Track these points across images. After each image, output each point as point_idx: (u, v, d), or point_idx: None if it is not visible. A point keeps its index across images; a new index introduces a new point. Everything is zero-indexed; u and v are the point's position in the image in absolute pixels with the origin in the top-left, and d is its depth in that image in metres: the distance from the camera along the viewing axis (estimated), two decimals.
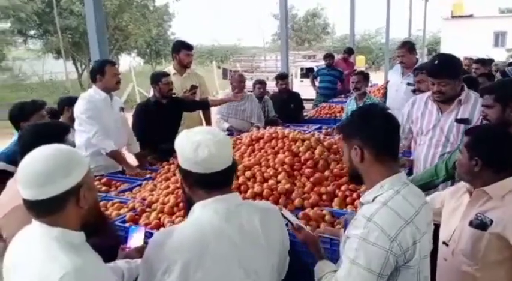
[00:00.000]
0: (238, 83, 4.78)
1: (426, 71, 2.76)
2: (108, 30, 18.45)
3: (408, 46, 4.55)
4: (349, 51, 8.87)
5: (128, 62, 24.35)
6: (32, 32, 18.16)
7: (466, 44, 25.03)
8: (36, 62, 20.25)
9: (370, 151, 1.44)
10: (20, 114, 3.00)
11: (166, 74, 3.93)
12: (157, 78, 3.82)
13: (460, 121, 2.65)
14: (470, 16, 28.53)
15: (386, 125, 1.48)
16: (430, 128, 2.79)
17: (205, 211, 1.36)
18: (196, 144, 1.34)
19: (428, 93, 2.83)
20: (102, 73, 3.39)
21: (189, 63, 4.45)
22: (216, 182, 1.38)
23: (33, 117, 2.99)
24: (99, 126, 3.33)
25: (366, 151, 1.44)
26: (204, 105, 4.30)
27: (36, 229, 1.23)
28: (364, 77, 4.78)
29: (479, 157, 1.75)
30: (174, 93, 4.02)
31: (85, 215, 1.27)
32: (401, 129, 2.99)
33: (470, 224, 1.74)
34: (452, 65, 2.65)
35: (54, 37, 17.04)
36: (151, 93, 4.05)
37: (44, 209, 1.20)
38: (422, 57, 22.20)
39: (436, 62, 2.64)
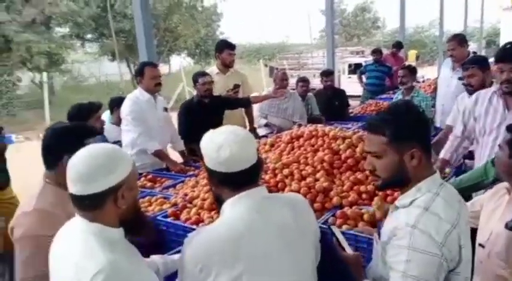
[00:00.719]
0: (281, 81, 4.78)
1: (496, 58, 2.49)
2: (158, 32, 19.08)
3: (459, 38, 4.34)
4: (398, 46, 8.57)
5: (178, 63, 25.07)
6: (89, 36, 19.16)
7: None
8: (93, 64, 21.34)
9: (423, 152, 1.38)
10: (77, 116, 3.16)
11: (204, 74, 4.01)
12: (195, 79, 3.91)
13: None
14: None
15: (426, 121, 1.46)
16: (494, 127, 2.55)
17: (236, 208, 1.39)
18: (218, 144, 1.36)
19: (494, 88, 2.62)
20: (142, 75, 3.51)
21: (232, 62, 4.51)
22: (240, 180, 1.39)
23: (90, 118, 3.15)
24: (143, 128, 3.46)
25: (419, 151, 1.36)
26: (246, 103, 4.35)
27: (78, 223, 1.31)
28: (411, 71, 4.62)
29: None
30: (212, 93, 4.08)
31: (124, 213, 1.33)
32: (460, 128, 2.84)
33: (506, 226, 1.65)
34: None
35: (109, 40, 17.87)
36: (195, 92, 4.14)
37: (85, 205, 1.28)
38: (480, 50, 21.04)
39: (508, 46, 2.44)
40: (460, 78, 4.05)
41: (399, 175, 1.38)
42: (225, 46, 4.50)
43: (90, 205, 1.27)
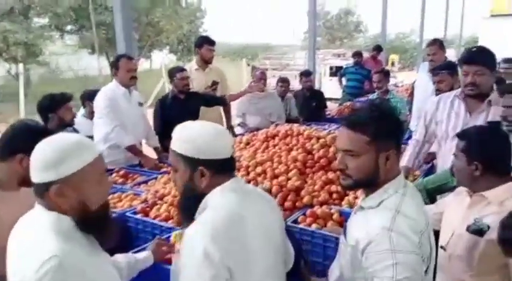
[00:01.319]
0: (259, 80, 4.78)
1: (460, 60, 2.50)
2: (140, 26, 18.82)
3: (439, 43, 4.39)
4: (378, 49, 8.67)
5: (160, 59, 24.78)
6: (69, 28, 18.73)
7: (506, 44, 24.05)
8: (72, 57, 20.89)
9: (395, 152, 1.38)
10: (49, 106, 3.10)
11: (182, 69, 3.98)
12: (172, 74, 3.87)
13: (492, 124, 2.40)
14: (511, 15, 27.34)
15: (402, 123, 1.48)
16: (458, 129, 2.52)
17: (226, 194, 1.39)
18: (215, 132, 1.41)
19: (455, 92, 2.64)
20: (117, 67, 3.45)
21: (211, 58, 4.48)
22: (228, 167, 1.45)
23: (60, 109, 3.09)
24: (118, 121, 3.40)
25: (394, 153, 1.37)
26: (222, 101, 4.32)
27: (35, 211, 1.29)
28: (385, 74, 4.70)
29: (479, 161, 1.67)
30: (190, 88, 4.05)
31: (87, 209, 1.27)
32: (422, 132, 2.83)
33: (468, 229, 1.67)
34: (490, 54, 2.46)
35: (89, 33, 17.52)
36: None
37: (38, 192, 1.26)
38: (459, 57, 21.49)
39: (474, 49, 2.48)
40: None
41: (372, 175, 1.35)
42: (205, 41, 4.46)
43: (37, 192, 1.26)
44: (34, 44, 15.90)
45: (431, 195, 2.52)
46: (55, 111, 3.00)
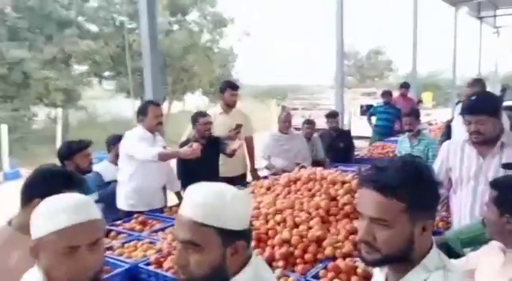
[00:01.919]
0: (283, 123, 4.73)
1: (463, 110, 2.46)
2: (174, 71, 19.49)
3: (481, 83, 4.25)
4: (405, 85, 8.47)
5: (192, 101, 25.42)
6: (106, 74, 19.65)
7: None
8: (109, 101, 21.76)
9: (432, 222, 1.16)
10: (65, 153, 3.12)
11: (204, 114, 3.97)
12: (195, 119, 3.86)
13: (507, 166, 2.32)
14: None
15: (438, 182, 1.20)
16: (471, 175, 2.45)
17: (259, 267, 1.19)
18: (244, 200, 1.18)
19: (464, 137, 2.55)
20: (145, 113, 3.49)
21: (234, 102, 4.47)
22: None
23: (76, 156, 3.10)
24: (144, 144, 3.37)
25: (431, 223, 1.14)
26: (225, 153, 4.11)
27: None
28: (415, 116, 4.53)
29: (510, 214, 1.49)
30: (211, 134, 4.01)
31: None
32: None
33: None
34: (490, 101, 2.43)
35: (125, 78, 18.27)
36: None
37: None
38: (496, 93, 20.91)
39: (474, 97, 2.42)
40: None
41: (406, 250, 1.10)
42: (228, 86, 4.48)
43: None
44: (73, 89, 16.69)
45: (465, 247, 2.30)
46: (71, 158, 3.01)
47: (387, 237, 1.09)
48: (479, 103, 2.38)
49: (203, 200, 1.08)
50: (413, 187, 1.08)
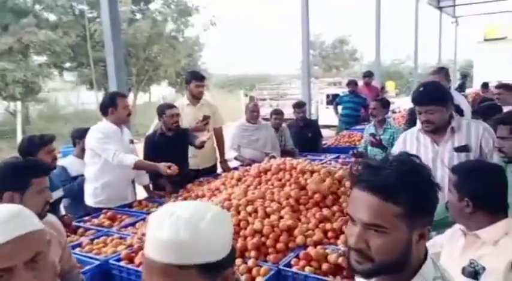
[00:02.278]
0: (251, 112, 4.73)
1: (412, 101, 2.56)
2: (138, 61, 19.05)
3: (445, 71, 4.36)
4: (369, 74, 8.61)
5: (158, 92, 24.98)
6: (67, 65, 18.96)
7: (500, 67, 24.27)
8: (70, 93, 21.07)
9: (429, 228, 1.10)
10: (27, 149, 3.01)
11: (171, 106, 3.91)
12: (161, 111, 3.80)
13: (459, 149, 2.46)
14: (504, 38, 27.76)
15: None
16: (430, 161, 2.54)
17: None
18: (223, 220, 1.01)
19: (418, 127, 2.64)
20: (115, 106, 3.40)
21: (200, 94, 4.40)
22: None
23: (39, 152, 2.99)
24: (116, 146, 3.31)
25: (428, 230, 1.08)
26: (194, 145, 4.05)
27: None
28: (383, 104, 4.62)
29: (469, 198, 1.56)
30: (178, 126, 3.96)
31: None
32: None
33: (463, 271, 1.54)
34: (438, 92, 2.52)
35: (87, 69, 17.71)
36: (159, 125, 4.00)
37: None
38: (454, 82, 21.67)
39: (421, 89, 2.50)
40: None
41: (401, 259, 1.00)
42: (192, 78, 4.41)
43: None
44: (33, 81, 16.03)
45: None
46: (34, 154, 2.90)
47: (382, 244, 0.98)
48: (427, 94, 2.46)
49: (172, 238, 0.85)
50: (413, 190, 0.98)
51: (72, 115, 19.57)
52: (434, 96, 2.46)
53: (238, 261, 2.22)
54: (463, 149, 2.45)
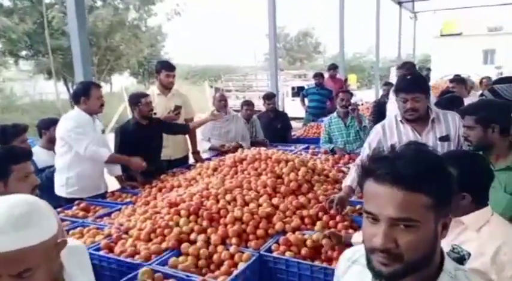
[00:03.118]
0: (219, 102, 4.74)
1: (398, 88, 2.60)
2: (99, 50, 18.48)
3: (412, 64, 4.53)
4: (334, 67, 8.79)
5: (120, 82, 24.37)
6: (23, 53, 18.15)
7: (456, 61, 25.40)
8: (27, 82, 20.18)
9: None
10: (0, 139, 2.92)
11: (145, 95, 3.88)
12: (136, 99, 3.76)
13: (442, 139, 2.57)
14: (459, 34, 29.02)
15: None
16: None
17: None
18: None
19: (397, 117, 2.70)
20: (88, 96, 3.34)
21: (170, 83, 4.38)
22: None
23: (14, 142, 2.92)
24: (89, 139, 3.28)
25: (450, 219, 1.06)
26: (185, 129, 4.20)
27: None
28: (351, 95, 4.79)
29: (467, 192, 1.63)
30: (155, 114, 3.95)
31: None
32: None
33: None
34: (424, 81, 2.67)
35: (45, 58, 17.01)
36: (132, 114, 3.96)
37: None
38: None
39: (408, 77, 2.60)
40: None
41: (430, 254, 0.95)
42: (162, 67, 4.38)
43: None
44: None
45: None
46: (8, 144, 2.82)
47: (413, 240, 0.91)
48: (415, 82, 2.54)
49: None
50: (439, 177, 0.93)
51: (29, 106, 18.76)
52: (421, 85, 2.55)
53: (220, 248, 2.27)
54: (446, 138, 2.56)
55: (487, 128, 2.10)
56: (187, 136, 4.58)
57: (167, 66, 4.41)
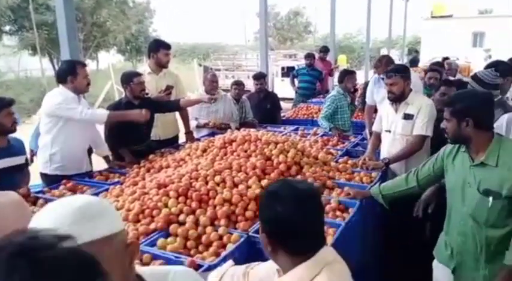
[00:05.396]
0: (210, 82, 4.67)
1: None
2: (85, 26, 18.08)
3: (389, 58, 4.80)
4: (325, 50, 8.77)
5: (107, 59, 23.97)
6: (7, 28, 17.66)
7: (445, 43, 25.43)
8: (11, 58, 19.72)
9: None
10: None
11: (138, 74, 3.81)
12: (128, 78, 3.69)
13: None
14: (450, 16, 28.95)
15: None
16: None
17: None
18: None
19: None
20: (75, 74, 3.28)
21: (167, 62, 4.32)
22: None
23: (0, 114, 2.87)
24: (81, 107, 3.26)
25: None
26: (175, 107, 4.17)
27: None
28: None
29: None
30: (147, 94, 3.89)
31: None
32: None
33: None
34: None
35: (29, 33, 16.59)
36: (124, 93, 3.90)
37: None
38: (402, 57, 22.43)
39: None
40: None
41: None
42: (161, 46, 4.29)
43: None
44: None
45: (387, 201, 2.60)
46: None
47: None
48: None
49: None
50: None
51: (13, 82, 18.40)
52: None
53: (208, 229, 2.27)
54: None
55: (461, 121, 2.05)
56: (178, 117, 4.53)
57: (165, 45, 4.34)
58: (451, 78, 6.17)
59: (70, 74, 3.26)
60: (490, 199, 1.98)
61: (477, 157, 2.06)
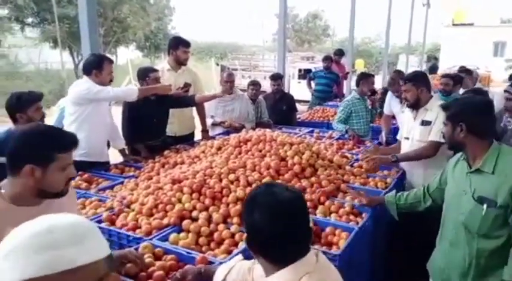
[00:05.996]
0: (226, 82, 4.67)
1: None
2: (106, 21, 18.31)
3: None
4: (340, 53, 8.70)
5: (126, 55, 24.24)
6: (30, 20, 17.97)
7: (465, 52, 25.07)
8: (33, 50, 20.06)
9: None
10: (16, 105, 2.91)
11: (154, 70, 3.85)
12: (144, 74, 3.73)
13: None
14: (471, 25, 28.52)
15: None
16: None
17: None
18: None
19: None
20: (100, 69, 3.33)
21: (186, 60, 4.36)
22: None
23: (30, 108, 2.90)
24: (109, 87, 3.34)
25: None
26: (190, 102, 4.17)
27: None
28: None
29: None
30: None
31: None
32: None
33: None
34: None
35: (51, 26, 16.86)
36: None
37: None
38: (421, 64, 22.18)
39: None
40: None
41: None
42: (181, 43, 4.33)
43: None
44: None
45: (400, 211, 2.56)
46: (24, 111, 2.82)
47: None
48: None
49: None
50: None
51: (33, 73, 18.72)
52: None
53: (221, 226, 2.28)
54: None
55: (455, 125, 2.04)
56: (195, 114, 4.55)
57: (185, 43, 4.38)
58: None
59: (96, 67, 3.31)
60: (484, 206, 1.95)
61: (474, 163, 2.04)
